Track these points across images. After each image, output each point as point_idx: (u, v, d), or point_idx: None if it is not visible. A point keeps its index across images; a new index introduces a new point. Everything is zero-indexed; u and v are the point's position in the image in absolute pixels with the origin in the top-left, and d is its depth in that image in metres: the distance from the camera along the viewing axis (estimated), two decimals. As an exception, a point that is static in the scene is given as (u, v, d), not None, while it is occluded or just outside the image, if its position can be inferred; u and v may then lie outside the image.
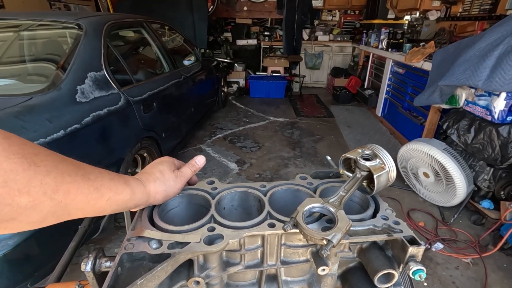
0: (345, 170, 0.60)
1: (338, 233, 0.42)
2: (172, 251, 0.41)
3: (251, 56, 6.12)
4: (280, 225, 0.47)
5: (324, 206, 0.47)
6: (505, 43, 1.73)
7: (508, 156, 1.79)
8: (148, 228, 0.46)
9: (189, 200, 0.56)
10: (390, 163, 0.53)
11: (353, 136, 3.70)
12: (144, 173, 0.49)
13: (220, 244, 0.43)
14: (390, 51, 3.76)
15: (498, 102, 1.78)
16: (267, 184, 0.59)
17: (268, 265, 0.49)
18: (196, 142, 3.38)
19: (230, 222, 0.47)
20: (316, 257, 0.48)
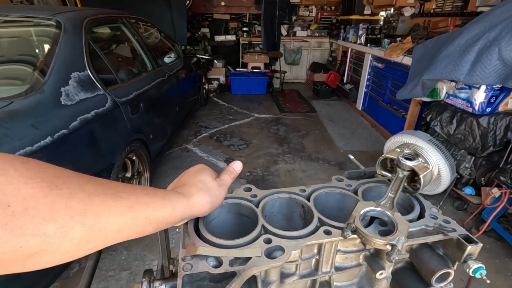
0: (382, 170, 0.59)
1: (401, 237, 0.42)
2: (236, 269, 0.39)
3: (230, 52, 6.03)
4: (336, 231, 0.46)
5: (381, 210, 0.46)
6: (483, 38, 1.83)
7: (488, 145, 1.91)
8: (200, 244, 0.43)
9: (228, 209, 0.53)
10: (433, 161, 0.53)
11: (337, 130, 3.78)
12: (183, 185, 0.45)
13: (283, 257, 0.41)
14: (369, 46, 3.86)
15: (478, 94, 1.88)
16: (306, 188, 0.57)
17: (323, 273, 0.48)
18: (181, 142, 3.28)
19: (285, 232, 0.45)
20: (371, 261, 0.48)
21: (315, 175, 2.67)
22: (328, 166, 2.84)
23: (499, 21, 1.82)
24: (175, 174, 2.77)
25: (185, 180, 0.46)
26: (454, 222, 0.48)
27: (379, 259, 0.47)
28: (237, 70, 5.72)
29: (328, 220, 0.48)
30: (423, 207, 0.52)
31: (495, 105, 1.88)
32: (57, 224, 0.26)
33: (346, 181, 0.60)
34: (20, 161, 0.27)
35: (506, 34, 1.70)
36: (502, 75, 1.74)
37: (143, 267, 1.69)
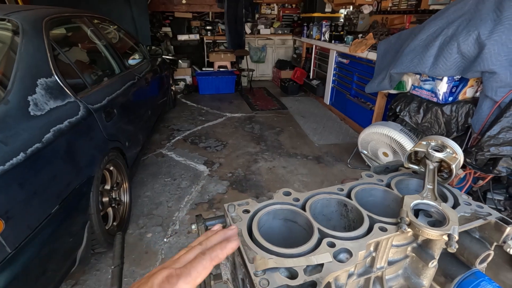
0: (409, 164, 0.62)
1: (455, 226, 0.44)
2: (315, 277, 0.38)
3: (194, 52, 5.88)
4: (390, 227, 0.47)
5: (429, 203, 0.48)
6: (443, 34, 2.00)
7: (452, 131, 2.10)
8: (265, 256, 0.41)
9: (274, 216, 0.52)
10: (459, 151, 0.57)
11: (309, 125, 3.89)
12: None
13: (353, 259, 0.41)
14: (334, 43, 4.02)
15: (441, 85, 2.06)
16: (343, 186, 0.58)
17: (377, 269, 0.49)
18: (154, 147, 3.13)
19: (344, 233, 0.45)
20: (420, 252, 0.50)
21: (296, 171, 2.72)
22: (306, 161, 2.91)
23: (455, 18, 2.00)
24: (153, 182, 2.65)
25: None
26: (487, 206, 0.52)
27: (429, 250, 0.49)
28: (203, 70, 5.60)
29: (378, 217, 0.49)
30: (454, 196, 0.55)
31: (456, 94, 2.07)
32: None
33: (376, 176, 0.61)
34: None
35: (462, 30, 1.88)
36: (461, 67, 1.92)
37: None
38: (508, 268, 1.73)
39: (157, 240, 1.88)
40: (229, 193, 2.37)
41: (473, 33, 1.79)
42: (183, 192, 2.36)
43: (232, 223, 0.48)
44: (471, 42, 1.80)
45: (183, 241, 1.89)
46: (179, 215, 2.10)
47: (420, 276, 0.52)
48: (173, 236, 1.91)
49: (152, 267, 1.68)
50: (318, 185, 2.51)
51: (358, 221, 0.53)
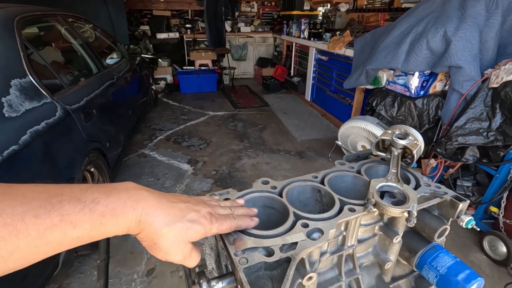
0: (377, 151, 0.67)
1: (414, 204, 0.49)
2: (290, 254, 0.41)
3: (174, 50, 5.81)
4: (358, 208, 0.51)
5: (392, 185, 0.53)
6: (413, 31, 2.11)
7: (424, 123, 2.22)
8: (245, 238, 0.44)
9: (253, 203, 0.55)
10: (419, 138, 0.62)
11: (291, 121, 3.96)
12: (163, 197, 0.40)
13: (325, 236, 0.45)
14: (313, 40, 4.11)
15: (413, 80, 2.17)
16: (317, 174, 0.62)
17: (348, 247, 0.53)
18: (137, 148, 3.09)
19: (317, 215, 0.49)
20: (386, 230, 0.55)
21: (279, 166, 2.77)
22: (289, 156, 2.98)
23: (424, 16, 2.11)
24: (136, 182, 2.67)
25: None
26: (444, 186, 0.58)
27: (393, 227, 0.54)
28: (184, 69, 5.55)
29: (348, 200, 0.53)
30: (416, 178, 0.61)
31: (427, 88, 2.19)
32: None
33: (347, 164, 0.66)
34: None
35: (431, 28, 1.99)
36: (430, 63, 2.03)
37: (120, 284, 1.58)
38: (476, 249, 1.86)
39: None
40: (214, 190, 2.36)
41: (440, 30, 1.90)
42: (167, 192, 2.35)
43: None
44: (439, 38, 1.91)
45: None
46: (164, 214, 2.10)
47: (387, 252, 0.57)
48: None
49: (138, 267, 1.68)
50: (301, 179, 2.57)
51: (330, 205, 0.57)
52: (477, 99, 1.78)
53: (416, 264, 0.57)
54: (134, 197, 0.36)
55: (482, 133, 1.74)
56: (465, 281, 0.50)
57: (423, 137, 2.10)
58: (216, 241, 0.62)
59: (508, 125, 1.65)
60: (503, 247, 1.70)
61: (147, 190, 0.39)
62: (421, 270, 0.56)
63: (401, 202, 0.53)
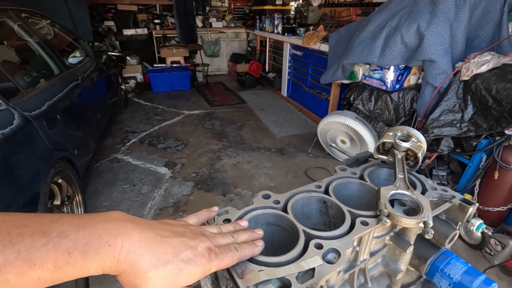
0: (378, 154, 0.64)
1: (429, 213, 0.46)
2: (309, 284, 0.37)
3: (143, 47, 5.52)
4: (370, 220, 0.48)
5: (403, 193, 0.50)
6: (387, 26, 2.14)
7: (400, 116, 2.28)
8: (254, 268, 0.39)
9: (255, 222, 0.50)
10: (422, 139, 0.60)
11: (269, 118, 3.93)
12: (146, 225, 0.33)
13: (342, 258, 0.41)
14: (287, 35, 4.09)
15: (389, 74, 2.21)
16: (320, 182, 0.58)
17: (361, 262, 0.50)
18: (108, 153, 2.89)
19: (329, 233, 0.45)
20: (398, 240, 0.52)
21: (261, 165, 2.73)
22: (270, 154, 2.95)
23: (397, 10, 2.15)
24: (110, 190, 2.48)
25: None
26: (450, 189, 0.56)
27: (405, 236, 0.51)
28: (155, 66, 5.30)
29: (358, 211, 0.50)
30: (421, 182, 0.59)
31: (402, 82, 2.24)
32: None
33: (349, 170, 0.63)
34: None
35: (404, 22, 2.03)
36: (405, 57, 2.08)
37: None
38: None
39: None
40: (195, 194, 2.30)
41: (413, 24, 1.94)
42: (145, 198, 2.23)
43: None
44: (412, 33, 1.95)
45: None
46: (143, 223, 1.98)
47: (397, 262, 0.54)
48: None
49: (118, 283, 1.56)
50: (283, 177, 2.55)
51: (338, 216, 0.53)
52: (450, 92, 1.84)
53: (426, 272, 0.55)
54: (113, 230, 0.29)
55: (455, 124, 1.81)
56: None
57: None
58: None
59: (479, 116, 1.73)
60: (477, 232, 1.79)
61: (133, 222, 0.32)
62: (432, 278, 0.54)
63: (412, 210, 0.50)
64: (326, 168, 2.69)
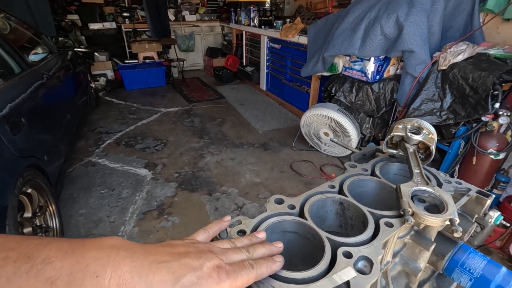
0: (388, 149, 0.61)
1: (454, 209, 0.44)
2: (348, 302, 0.33)
3: (112, 42, 5.21)
4: (394, 221, 0.45)
5: (425, 189, 0.47)
6: (367, 17, 2.15)
7: (381, 106, 2.32)
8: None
9: (272, 231, 0.45)
10: (433, 130, 0.58)
11: (250, 113, 3.87)
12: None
13: (376, 267, 0.37)
14: (264, 28, 4.02)
15: (369, 65, 2.24)
16: (333, 182, 0.54)
17: (384, 265, 0.47)
18: (81, 156, 2.70)
19: (355, 239, 0.41)
20: (419, 238, 0.49)
21: (245, 161, 2.68)
22: (254, 150, 2.90)
23: (375, 1, 2.17)
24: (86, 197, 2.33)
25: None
26: (464, 181, 0.55)
27: (426, 235, 0.49)
28: (126, 62, 5.03)
29: (379, 212, 0.46)
30: (434, 176, 0.57)
31: (382, 72, 2.27)
32: None
33: (359, 166, 0.59)
34: None
35: (383, 13, 2.05)
36: (385, 48, 2.11)
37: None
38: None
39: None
40: (180, 195, 2.21)
41: (392, 15, 1.96)
42: (125, 203, 2.10)
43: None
44: (392, 24, 1.97)
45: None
46: (125, 229, 1.87)
47: (417, 261, 0.52)
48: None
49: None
50: (268, 172, 2.53)
51: (356, 218, 0.50)
52: (429, 81, 1.89)
53: (444, 267, 0.53)
54: (103, 259, 0.26)
55: (435, 113, 1.86)
56: (504, 282, 0.47)
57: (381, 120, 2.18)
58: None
59: (457, 104, 1.79)
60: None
61: (128, 249, 0.28)
62: (451, 274, 0.52)
63: (433, 207, 0.48)
64: (311, 161, 2.69)
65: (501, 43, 1.94)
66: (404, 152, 0.57)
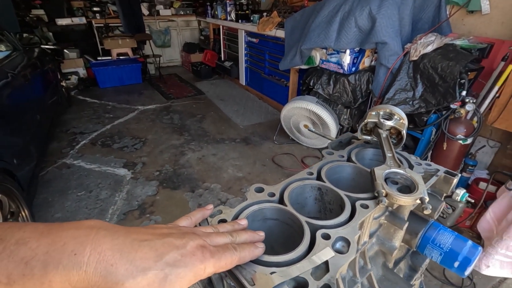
0: (362, 135, 0.64)
1: (424, 188, 0.46)
2: (327, 279, 0.34)
3: (82, 39, 4.99)
4: (369, 203, 0.47)
5: (397, 171, 0.50)
6: (341, 10, 2.19)
7: (357, 97, 2.38)
8: (265, 271, 0.35)
9: (253, 219, 0.46)
10: (404, 115, 0.60)
11: (230, 108, 3.85)
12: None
13: (353, 246, 0.39)
14: (241, 23, 3.99)
15: (345, 57, 2.28)
16: (311, 169, 0.55)
17: (362, 245, 0.49)
18: (55, 158, 2.58)
19: (333, 221, 0.43)
20: (393, 218, 0.52)
21: (227, 156, 2.68)
22: (235, 144, 2.90)
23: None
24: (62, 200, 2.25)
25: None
26: (432, 163, 0.58)
27: (400, 214, 0.51)
28: (99, 59, 4.83)
29: (355, 195, 0.48)
30: (406, 159, 0.60)
31: (357, 64, 2.33)
32: None
33: (336, 153, 0.61)
34: None
35: (357, 6, 2.09)
36: (359, 40, 2.16)
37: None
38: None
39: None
40: (161, 193, 2.17)
41: (366, 8, 2.00)
42: (105, 204, 2.04)
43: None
44: (365, 16, 2.02)
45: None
46: (106, 231, 1.82)
47: (392, 240, 0.55)
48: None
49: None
50: (251, 166, 2.53)
51: (334, 202, 0.51)
52: (401, 72, 1.96)
53: (417, 245, 0.56)
54: (81, 238, 0.25)
55: (408, 102, 1.94)
56: (469, 254, 0.50)
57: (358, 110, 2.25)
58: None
59: (428, 93, 1.87)
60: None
61: (108, 229, 0.27)
62: (423, 250, 0.56)
63: (405, 188, 0.51)
64: (292, 154, 2.73)
65: (466, 33, 2.04)
66: (378, 138, 0.60)
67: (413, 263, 0.63)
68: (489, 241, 1.43)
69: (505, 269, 1.02)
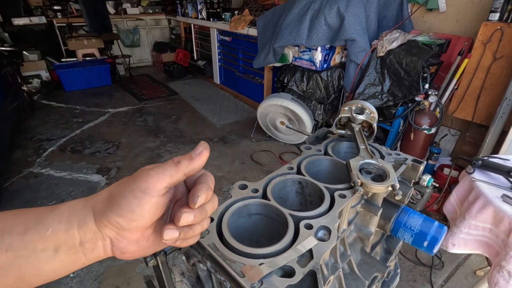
0: (337, 129, 0.67)
1: (395, 177, 0.51)
2: (312, 266, 0.36)
3: (43, 39, 4.67)
4: (347, 192, 0.50)
5: (370, 162, 0.53)
6: (311, 8, 2.25)
7: (330, 93, 2.46)
8: (254, 264, 0.37)
9: (238, 215, 0.47)
10: (374, 109, 0.65)
11: (206, 107, 3.82)
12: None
13: (334, 234, 0.41)
14: (213, 21, 3.96)
15: (317, 55, 2.35)
16: (291, 165, 0.58)
17: (341, 232, 0.52)
18: (20, 168, 2.42)
19: (314, 212, 0.45)
20: (368, 206, 0.56)
21: (205, 156, 2.65)
22: (213, 144, 2.88)
23: (318, -7, 2.27)
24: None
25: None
26: (401, 153, 0.63)
27: (374, 201, 0.55)
28: (63, 61, 4.57)
29: (333, 186, 0.51)
30: (377, 150, 0.64)
31: (329, 61, 2.41)
32: None
33: (314, 147, 0.64)
34: None
35: (326, 4, 2.16)
36: (329, 37, 2.23)
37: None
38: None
39: (60, 280, 1.51)
40: (139, 198, 2.11)
41: (334, 6, 2.07)
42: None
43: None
44: (334, 15, 2.09)
45: (96, 268, 1.59)
46: (82, 241, 1.74)
47: (368, 226, 0.58)
48: (83, 268, 1.58)
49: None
50: (230, 165, 2.54)
51: (314, 194, 0.54)
52: (370, 67, 2.06)
53: (391, 229, 0.61)
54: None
55: (377, 96, 2.04)
56: (436, 233, 0.56)
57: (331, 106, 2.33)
58: (193, 265, 0.51)
59: (395, 87, 1.98)
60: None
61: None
62: (396, 234, 0.60)
63: (378, 176, 0.54)
64: (270, 151, 2.77)
65: (426, 30, 2.18)
66: (351, 131, 0.63)
67: (388, 246, 0.68)
68: (454, 222, 1.55)
69: (468, 246, 1.12)
